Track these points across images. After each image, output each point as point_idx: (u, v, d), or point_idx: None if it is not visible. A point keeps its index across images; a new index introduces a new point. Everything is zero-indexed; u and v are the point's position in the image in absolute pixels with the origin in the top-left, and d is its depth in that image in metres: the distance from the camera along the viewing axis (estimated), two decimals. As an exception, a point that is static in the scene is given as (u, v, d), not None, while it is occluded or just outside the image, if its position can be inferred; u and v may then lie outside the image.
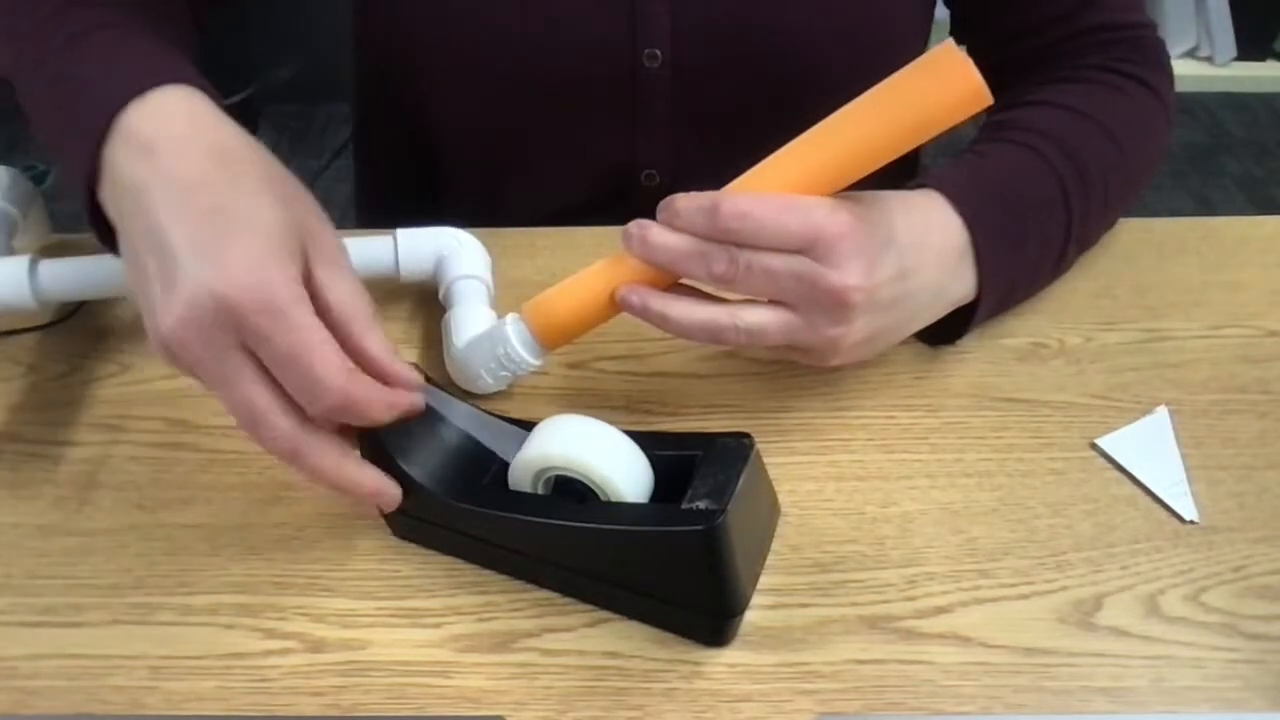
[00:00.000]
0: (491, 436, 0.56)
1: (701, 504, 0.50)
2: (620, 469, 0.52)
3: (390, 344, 0.52)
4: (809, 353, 0.58)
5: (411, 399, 0.52)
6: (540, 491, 0.54)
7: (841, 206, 0.55)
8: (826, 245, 0.54)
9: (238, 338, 0.47)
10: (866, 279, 0.55)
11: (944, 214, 0.62)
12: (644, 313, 0.56)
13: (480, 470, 0.56)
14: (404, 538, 0.57)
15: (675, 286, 0.57)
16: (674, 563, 0.51)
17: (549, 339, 0.58)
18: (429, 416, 0.55)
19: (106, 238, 0.54)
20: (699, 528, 0.49)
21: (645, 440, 0.53)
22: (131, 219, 0.50)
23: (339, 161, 1.26)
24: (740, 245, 0.54)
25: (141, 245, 0.49)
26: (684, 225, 0.55)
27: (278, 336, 0.47)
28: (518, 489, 0.55)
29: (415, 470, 0.54)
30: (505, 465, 0.55)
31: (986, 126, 0.72)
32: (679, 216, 0.55)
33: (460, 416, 0.56)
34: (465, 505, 0.54)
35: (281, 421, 0.49)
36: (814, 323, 0.56)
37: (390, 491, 0.53)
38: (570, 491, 0.53)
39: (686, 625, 0.53)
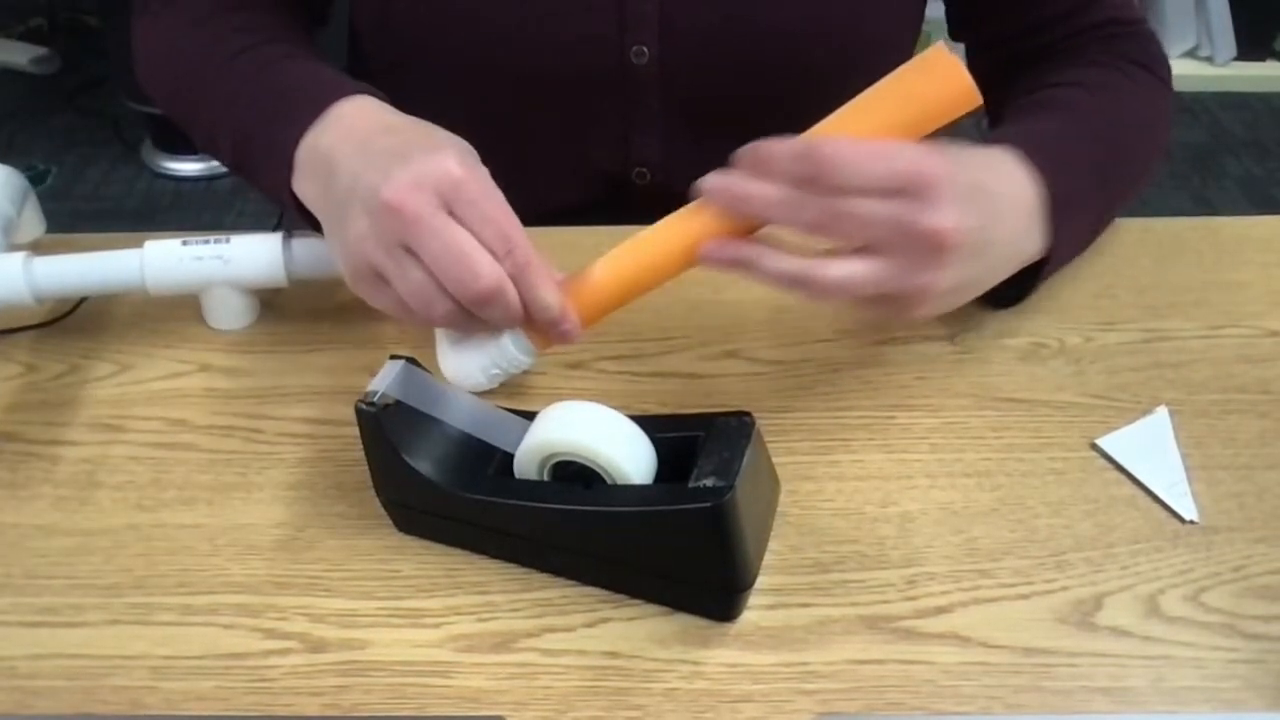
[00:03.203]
0: (493, 427, 0.56)
1: (709, 481, 0.50)
2: (625, 452, 0.53)
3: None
4: (896, 302, 0.56)
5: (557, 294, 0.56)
6: (545, 479, 0.55)
7: (933, 150, 0.54)
8: (922, 186, 0.52)
9: (401, 238, 0.54)
10: (962, 220, 0.53)
11: (1019, 170, 0.61)
12: (734, 263, 0.55)
13: (484, 461, 0.56)
14: (408, 533, 0.58)
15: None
16: (685, 540, 0.51)
17: (586, 313, 0.57)
18: (430, 410, 0.55)
19: (306, 224, 0.64)
20: (709, 504, 0.49)
21: (647, 423, 0.54)
22: (326, 178, 0.59)
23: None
24: (831, 191, 0.53)
25: (336, 191, 0.58)
26: (773, 171, 0.53)
27: (437, 226, 0.53)
28: (523, 477, 0.55)
29: (420, 464, 0.54)
30: (508, 455, 0.55)
31: (1022, 107, 0.72)
32: (769, 161, 0.53)
33: (461, 409, 0.56)
34: (473, 496, 0.54)
35: (446, 301, 0.54)
36: (907, 268, 0.54)
37: (571, 321, 0.57)
38: (575, 476, 0.54)
39: (697, 602, 0.53)
